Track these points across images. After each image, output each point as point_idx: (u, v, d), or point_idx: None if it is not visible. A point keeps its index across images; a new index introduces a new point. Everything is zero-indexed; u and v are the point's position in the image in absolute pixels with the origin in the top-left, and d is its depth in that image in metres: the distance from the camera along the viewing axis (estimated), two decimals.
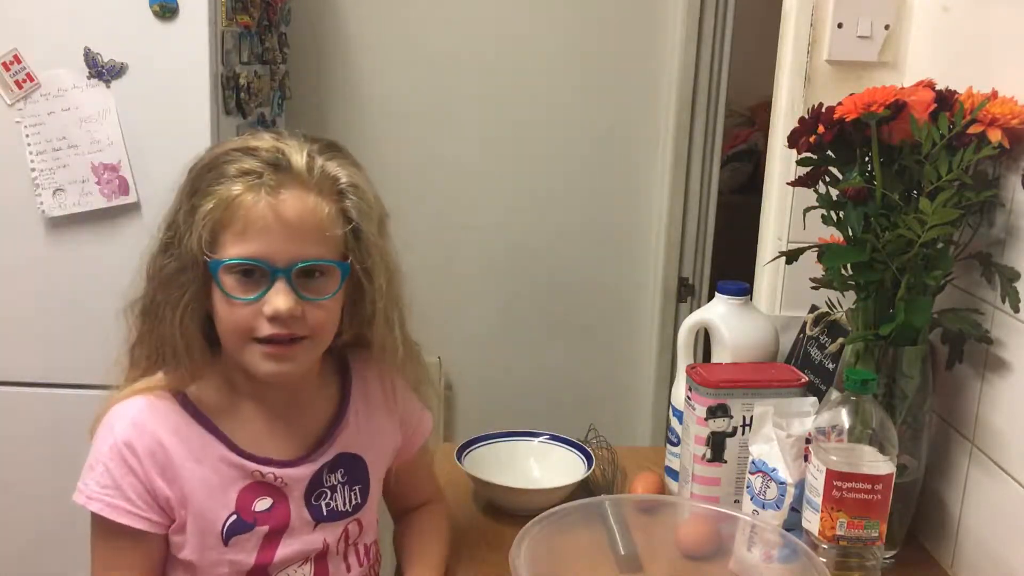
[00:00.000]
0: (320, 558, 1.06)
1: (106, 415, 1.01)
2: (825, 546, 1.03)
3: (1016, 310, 1.07)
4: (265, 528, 1.01)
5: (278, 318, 0.93)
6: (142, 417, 0.99)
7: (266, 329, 0.94)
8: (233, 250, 0.93)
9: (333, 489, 1.06)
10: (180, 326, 0.97)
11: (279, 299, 0.93)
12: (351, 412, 1.09)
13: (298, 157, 0.95)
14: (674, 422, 1.34)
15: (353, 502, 1.08)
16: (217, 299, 0.96)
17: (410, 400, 1.16)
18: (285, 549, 1.03)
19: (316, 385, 1.07)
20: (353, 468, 1.08)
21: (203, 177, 0.96)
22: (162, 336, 0.98)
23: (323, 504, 1.05)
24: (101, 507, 0.97)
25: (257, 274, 0.93)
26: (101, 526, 0.99)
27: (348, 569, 1.09)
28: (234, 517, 1.00)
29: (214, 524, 1.00)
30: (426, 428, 1.18)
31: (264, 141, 0.97)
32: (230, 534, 1.00)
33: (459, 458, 1.35)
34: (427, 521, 1.20)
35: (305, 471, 1.04)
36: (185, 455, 0.99)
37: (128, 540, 0.99)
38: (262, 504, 1.01)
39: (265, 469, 1.01)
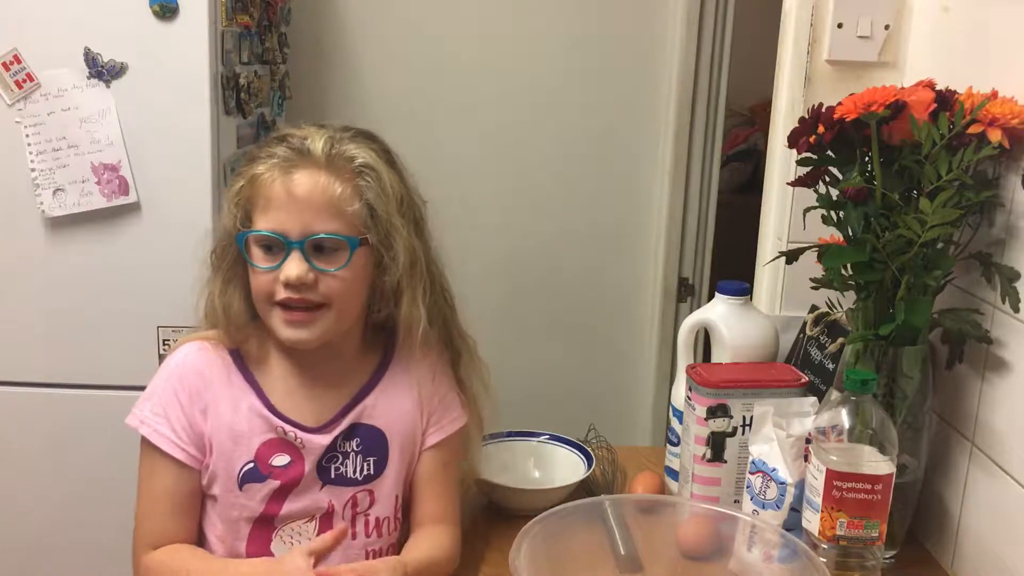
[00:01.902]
0: (325, 519, 1.11)
1: (169, 355, 1.13)
2: (825, 546, 1.03)
3: (1016, 310, 1.07)
4: (277, 483, 1.09)
5: (290, 284, 1.03)
6: (193, 358, 1.11)
7: (282, 293, 1.04)
8: (257, 224, 1.05)
9: (345, 455, 1.12)
10: (221, 292, 1.10)
11: (291, 267, 1.03)
12: (379, 388, 1.15)
13: (319, 142, 1.06)
14: (674, 422, 1.34)
15: (365, 472, 1.12)
16: (249, 269, 1.08)
17: (447, 396, 1.19)
18: (292, 504, 1.10)
19: (354, 357, 1.15)
20: (370, 440, 1.13)
21: (242, 162, 1.10)
22: (209, 303, 1.11)
23: (332, 468, 1.11)
24: (149, 432, 1.09)
25: (276, 246, 1.04)
26: (146, 451, 1.10)
27: (354, 536, 1.12)
28: (251, 465, 1.09)
29: (233, 467, 1.08)
30: (452, 426, 1.19)
31: (300, 130, 1.09)
32: (244, 480, 1.09)
33: None
34: (427, 536, 1.15)
35: (325, 439, 1.11)
36: (223, 398, 1.09)
37: (166, 468, 1.08)
38: (279, 460, 1.09)
39: (288, 427, 1.09)
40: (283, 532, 1.10)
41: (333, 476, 1.11)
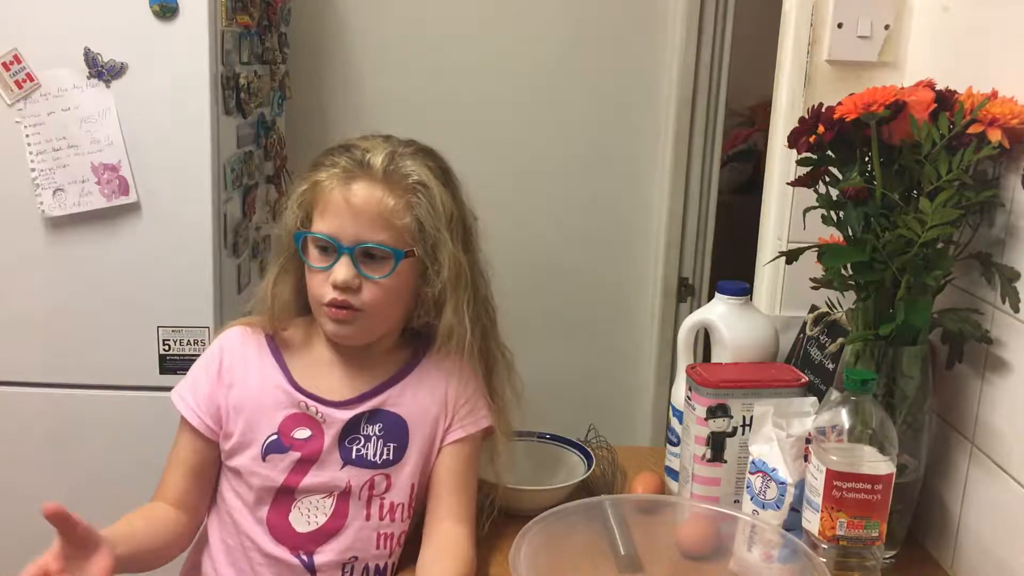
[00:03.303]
0: (343, 497, 1.16)
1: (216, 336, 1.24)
2: (825, 546, 1.03)
3: (1016, 310, 1.07)
4: (298, 454, 1.15)
5: (338, 286, 1.11)
6: (233, 339, 1.21)
7: (330, 294, 1.12)
8: (315, 226, 1.13)
9: (367, 438, 1.17)
10: (273, 282, 1.18)
11: (340, 271, 1.11)
12: (406, 380, 1.20)
13: (379, 156, 1.13)
14: (674, 422, 1.34)
15: (384, 456, 1.17)
16: (305, 267, 1.16)
17: (474, 396, 1.23)
18: (312, 478, 1.15)
19: (386, 351, 1.21)
20: (392, 426, 1.18)
21: (308, 167, 1.17)
22: (262, 288, 1.20)
23: (354, 448, 1.17)
24: (177, 399, 1.19)
25: (330, 249, 1.12)
26: (180, 421, 1.19)
27: (367, 518, 1.16)
28: (274, 437, 1.16)
29: (258, 438, 1.16)
30: (475, 425, 1.22)
31: (365, 141, 1.16)
32: (268, 451, 1.16)
33: None
34: (444, 547, 1.15)
35: (344, 414, 1.17)
36: (253, 375, 1.18)
37: (187, 434, 1.18)
38: (301, 433, 1.16)
39: (310, 402, 1.16)
40: (301, 504, 1.15)
41: (354, 457, 1.16)
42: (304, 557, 1.15)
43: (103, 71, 1.72)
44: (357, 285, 1.11)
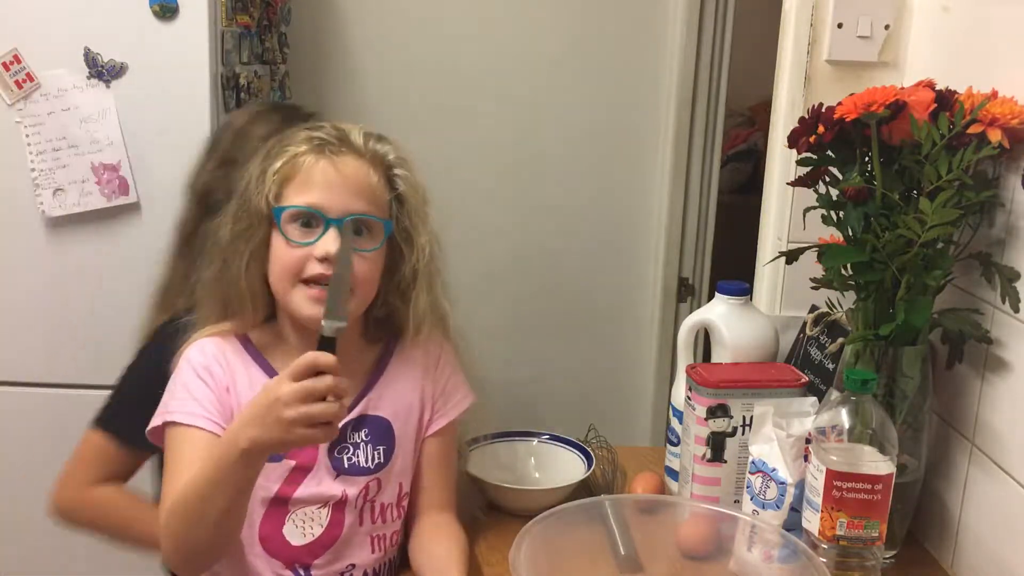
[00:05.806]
0: (338, 507, 1.13)
1: (181, 355, 1.13)
2: (825, 546, 1.03)
3: (1016, 310, 1.07)
4: (292, 463, 1.12)
5: (327, 259, 1.05)
6: (212, 348, 1.13)
7: (315, 269, 1.06)
8: (296, 200, 1.07)
9: (356, 446, 1.15)
10: (245, 273, 1.10)
11: (330, 242, 1.06)
12: (383, 380, 1.18)
13: (356, 135, 1.12)
14: (674, 422, 1.34)
15: (376, 461, 1.15)
16: (276, 245, 1.09)
17: (451, 380, 1.23)
18: (306, 489, 1.12)
19: (355, 350, 1.16)
20: (378, 429, 1.16)
21: (274, 146, 1.11)
22: (229, 286, 1.11)
23: (345, 458, 1.14)
24: (182, 417, 1.08)
25: (314, 223, 1.07)
26: (177, 439, 1.08)
27: (361, 523, 1.15)
28: None
29: None
30: (455, 409, 1.22)
31: (328, 125, 1.12)
32: None
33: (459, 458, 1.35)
34: (446, 541, 1.16)
35: None
36: (242, 380, 1.12)
37: (202, 445, 1.06)
38: None
39: None
40: (295, 516, 1.12)
41: (347, 466, 1.14)
42: (300, 571, 1.12)
43: (103, 71, 1.72)
44: None
